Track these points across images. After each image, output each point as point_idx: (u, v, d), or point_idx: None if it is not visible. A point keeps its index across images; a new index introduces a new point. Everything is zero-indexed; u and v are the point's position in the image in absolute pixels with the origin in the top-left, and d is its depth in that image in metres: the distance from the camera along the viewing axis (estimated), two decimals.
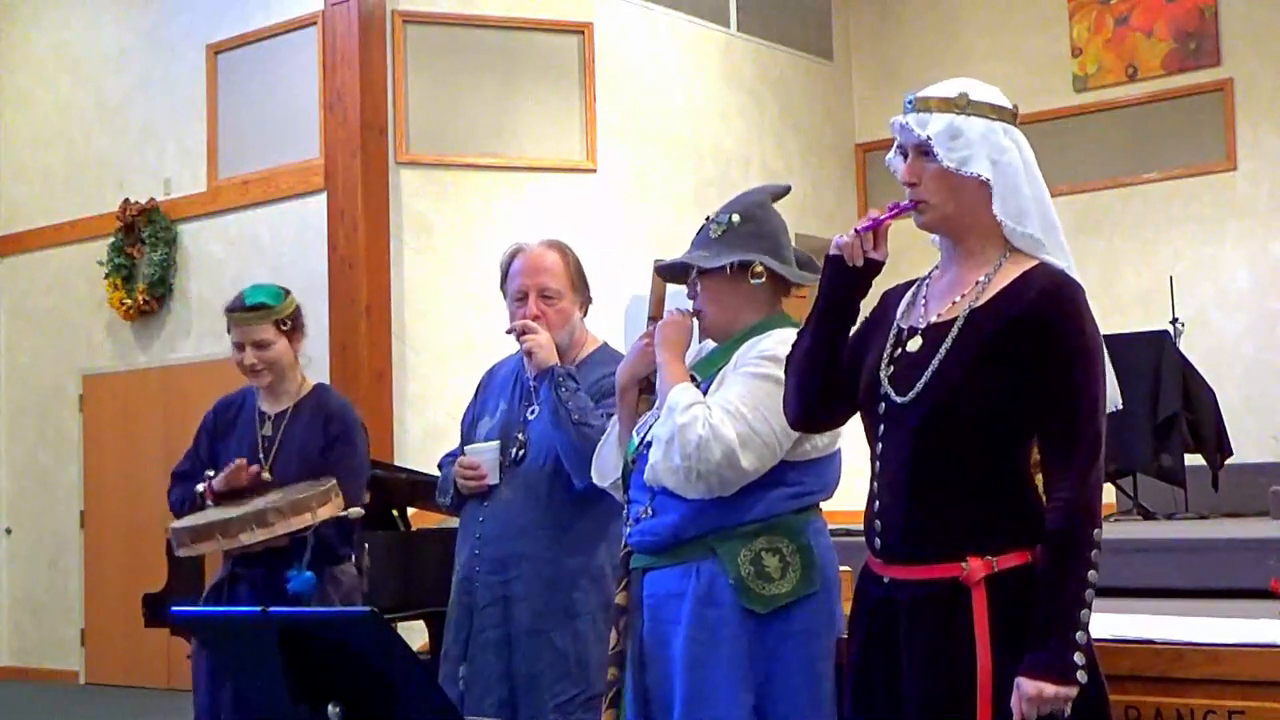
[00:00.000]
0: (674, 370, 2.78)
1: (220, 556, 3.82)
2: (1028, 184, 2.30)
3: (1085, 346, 2.21)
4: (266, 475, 3.73)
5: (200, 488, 3.73)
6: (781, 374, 2.65)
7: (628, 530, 2.82)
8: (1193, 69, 9.69)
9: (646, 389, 2.92)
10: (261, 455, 3.76)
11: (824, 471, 2.79)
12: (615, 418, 3.00)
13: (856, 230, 2.33)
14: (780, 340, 2.75)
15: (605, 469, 3.01)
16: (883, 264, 2.36)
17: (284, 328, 3.78)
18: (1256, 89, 9.49)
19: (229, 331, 3.83)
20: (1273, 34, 9.48)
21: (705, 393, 2.75)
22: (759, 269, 2.80)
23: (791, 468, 2.72)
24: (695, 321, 2.88)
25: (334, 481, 3.66)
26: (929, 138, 2.28)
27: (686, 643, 2.70)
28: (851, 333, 2.45)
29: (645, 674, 2.78)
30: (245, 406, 3.89)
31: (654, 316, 2.92)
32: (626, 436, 2.91)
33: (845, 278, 2.36)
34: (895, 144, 2.38)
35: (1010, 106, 2.36)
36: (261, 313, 3.76)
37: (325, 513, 3.59)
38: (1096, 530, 2.17)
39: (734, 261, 2.79)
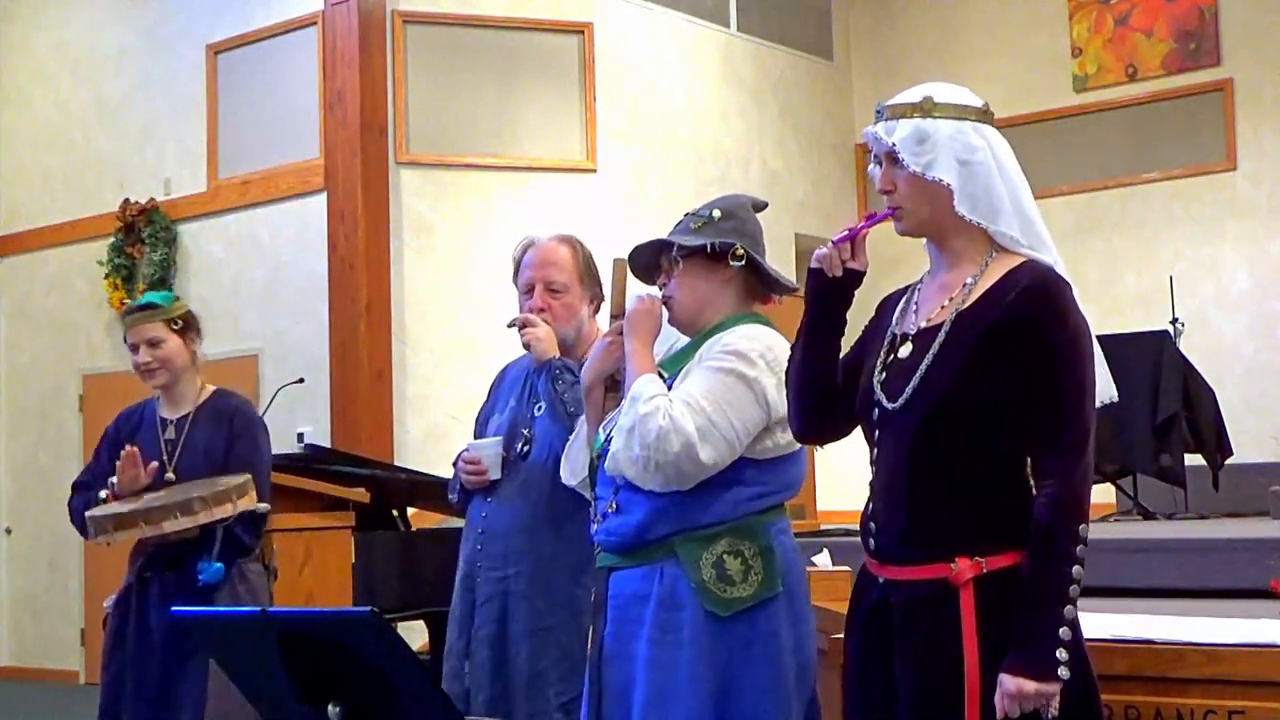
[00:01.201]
0: (641, 359, 2.78)
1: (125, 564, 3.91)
2: (1001, 182, 2.30)
3: (1068, 341, 2.21)
4: (171, 476, 3.84)
5: (103, 494, 3.82)
6: (743, 369, 2.68)
7: (594, 528, 2.82)
8: (1193, 69, 9.69)
9: (613, 387, 2.92)
10: (165, 458, 3.86)
11: (786, 471, 2.79)
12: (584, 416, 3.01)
13: (833, 242, 2.35)
14: (744, 335, 2.76)
15: (574, 467, 3.02)
16: (863, 274, 2.38)
17: (175, 327, 3.91)
18: (1256, 89, 9.49)
19: (125, 341, 3.98)
20: (1273, 34, 9.48)
21: (671, 388, 2.74)
22: (739, 251, 2.80)
23: (752, 466, 2.72)
24: (664, 310, 2.88)
25: (249, 476, 3.77)
26: (894, 144, 2.29)
27: (649, 644, 2.70)
28: (842, 342, 2.46)
29: (603, 673, 2.78)
30: (146, 414, 4.01)
31: (616, 314, 2.92)
32: (594, 435, 2.91)
33: (827, 290, 2.39)
34: (872, 155, 2.39)
35: (980, 105, 2.35)
36: (151, 311, 3.91)
37: (244, 504, 3.72)
38: (1082, 525, 2.16)
39: (715, 242, 2.79)
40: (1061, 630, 2.12)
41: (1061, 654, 2.11)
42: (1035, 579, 2.15)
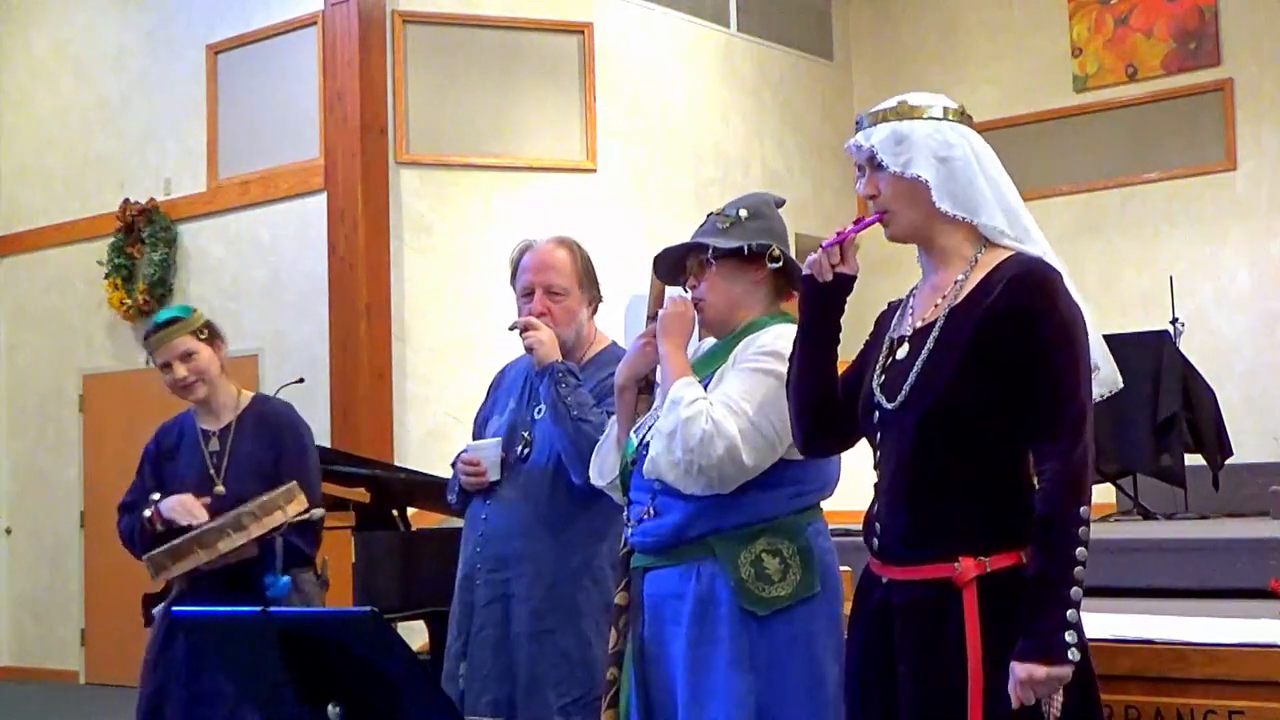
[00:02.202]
0: (676, 362, 2.78)
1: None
2: (983, 177, 2.33)
3: (1059, 325, 2.22)
4: (220, 489, 3.75)
5: (147, 513, 3.72)
6: (782, 369, 2.66)
7: (629, 531, 2.82)
8: (1193, 69, 9.69)
9: (645, 389, 2.92)
10: (212, 471, 3.78)
11: (822, 470, 2.79)
12: (614, 417, 3.00)
13: (822, 247, 2.37)
14: (778, 335, 2.75)
15: (603, 469, 3.00)
16: (854, 278, 2.41)
17: (202, 336, 3.83)
18: (1256, 89, 9.49)
19: (151, 361, 3.87)
20: (1273, 34, 9.48)
21: (705, 390, 2.74)
22: (776, 253, 2.81)
23: (790, 465, 2.72)
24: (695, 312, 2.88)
25: (294, 482, 3.70)
26: (874, 146, 2.32)
27: (686, 644, 2.70)
28: (839, 350, 2.48)
29: (647, 674, 2.77)
30: (186, 428, 3.91)
31: (652, 316, 2.92)
32: (625, 436, 2.90)
33: (819, 295, 2.41)
34: (856, 165, 2.42)
35: (957, 106, 2.39)
36: (177, 325, 3.82)
37: (294, 509, 3.65)
38: (1084, 508, 2.17)
39: (752, 243, 2.80)
40: (1069, 613, 2.12)
41: (1070, 636, 2.12)
42: (1039, 563, 2.15)
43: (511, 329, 3.40)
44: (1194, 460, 7.13)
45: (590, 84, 8.74)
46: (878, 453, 2.37)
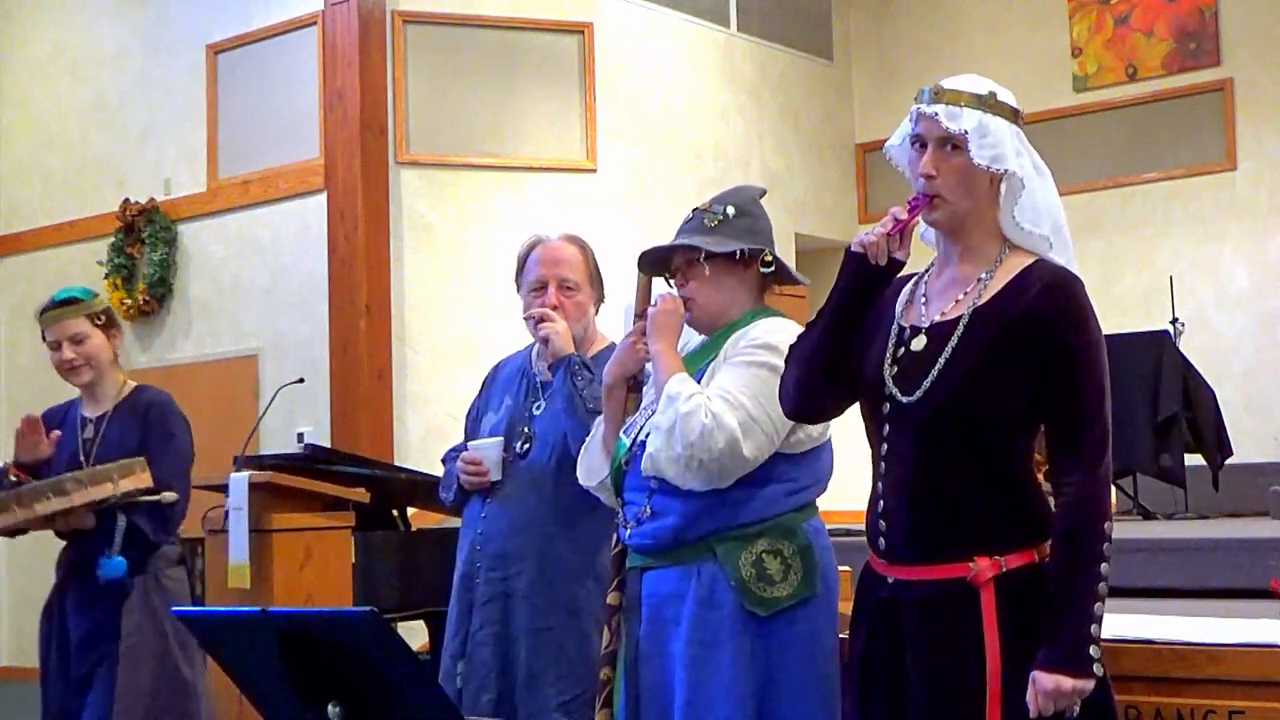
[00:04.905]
0: (669, 360, 2.78)
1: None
2: (1039, 186, 2.33)
3: (1088, 341, 2.22)
4: None
5: (2, 464, 3.76)
6: (775, 361, 2.65)
7: (627, 532, 2.81)
8: (1193, 69, 9.69)
9: (634, 388, 2.92)
10: (82, 457, 3.78)
11: (816, 464, 2.80)
12: (601, 417, 2.99)
13: (886, 232, 2.28)
14: (769, 329, 2.76)
15: (591, 469, 3.00)
16: (903, 263, 2.33)
17: (98, 322, 3.83)
18: (1256, 89, 9.49)
19: (44, 338, 3.87)
20: (1273, 34, 9.48)
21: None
22: (769, 258, 2.82)
23: (784, 460, 2.73)
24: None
25: (140, 458, 3.67)
26: (965, 132, 2.25)
27: (687, 644, 2.70)
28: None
29: (640, 674, 2.77)
30: (69, 414, 3.93)
31: (640, 314, 2.92)
32: (613, 437, 2.90)
33: (866, 275, 2.32)
34: (909, 133, 2.33)
35: (1020, 109, 2.37)
36: (73, 307, 3.81)
37: (127, 485, 3.60)
38: (1107, 523, 2.18)
39: (745, 248, 2.80)
40: (1093, 627, 2.13)
41: (1094, 650, 2.13)
42: (1065, 578, 2.16)
43: (527, 318, 3.38)
44: (1194, 460, 7.14)
45: (590, 84, 8.74)
46: (883, 445, 2.33)
